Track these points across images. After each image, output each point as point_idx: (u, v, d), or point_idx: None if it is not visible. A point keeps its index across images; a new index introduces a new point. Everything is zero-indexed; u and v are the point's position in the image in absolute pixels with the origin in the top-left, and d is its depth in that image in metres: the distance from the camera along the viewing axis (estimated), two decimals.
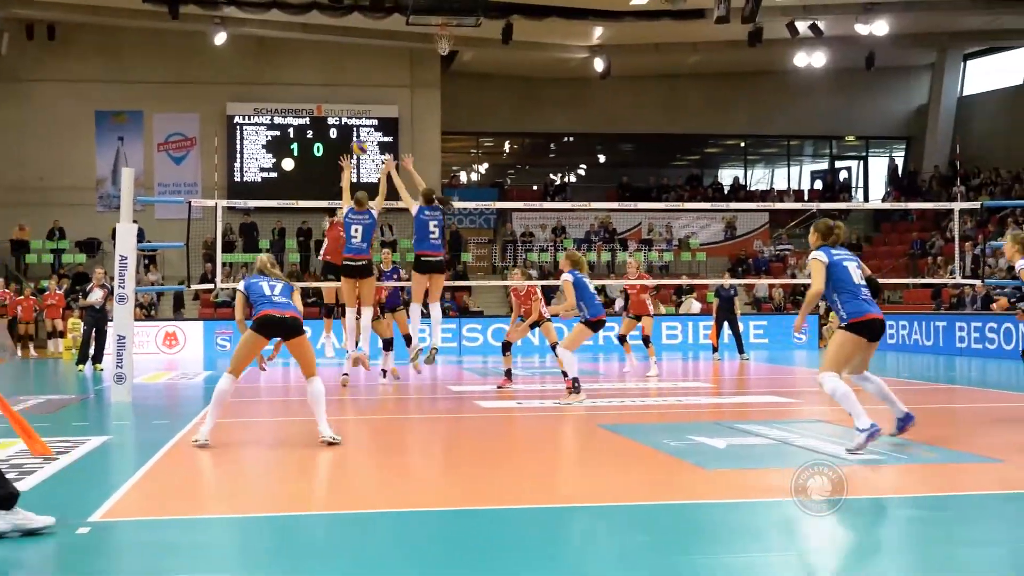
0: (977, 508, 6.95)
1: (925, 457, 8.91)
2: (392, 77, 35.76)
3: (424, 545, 6.13)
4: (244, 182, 34.44)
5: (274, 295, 10.15)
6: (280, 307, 10.05)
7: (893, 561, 5.76)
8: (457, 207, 34.66)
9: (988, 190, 34.48)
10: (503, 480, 8.43)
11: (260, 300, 10.12)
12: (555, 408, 13.00)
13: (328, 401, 10.56)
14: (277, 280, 10.34)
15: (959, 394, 15.69)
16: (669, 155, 42.51)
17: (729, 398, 14.98)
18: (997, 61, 39.06)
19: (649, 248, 35.58)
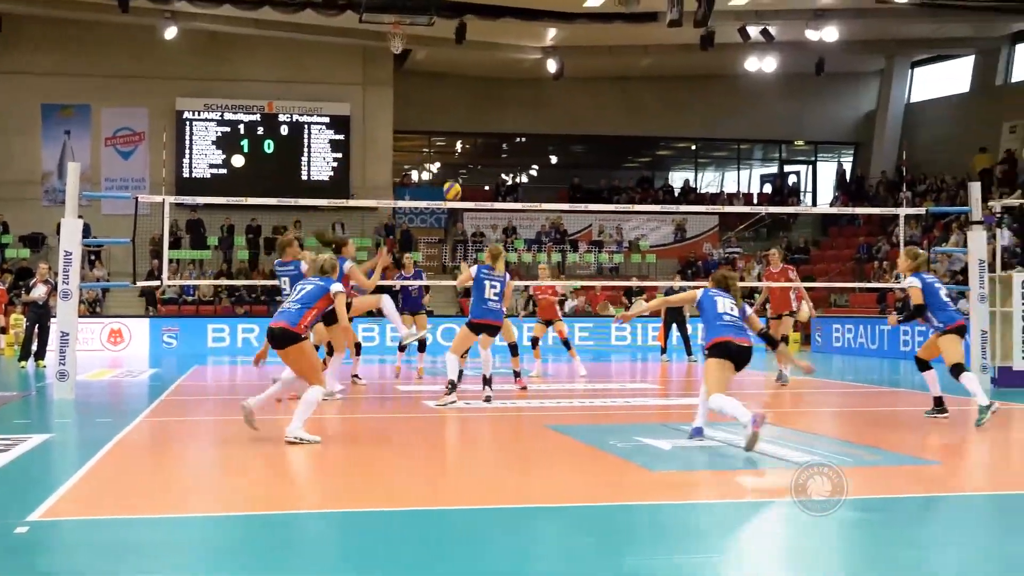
0: (916, 510, 7.02)
1: (867, 459, 8.99)
2: (344, 75, 35.62)
3: (366, 546, 6.10)
4: (193, 178, 34.17)
5: (290, 299, 10.38)
6: (276, 316, 10.23)
7: (834, 562, 5.80)
8: (409, 206, 34.73)
9: (933, 196, 34.84)
10: (447, 481, 8.41)
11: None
12: (503, 408, 12.99)
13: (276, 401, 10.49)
14: (310, 281, 10.52)
15: (901, 397, 15.84)
16: (621, 157, 42.61)
17: (676, 399, 15.04)
18: (943, 69, 39.49)
19: (599, 249, 35.69)
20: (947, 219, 31.07)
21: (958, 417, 13.24)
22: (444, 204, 25.67)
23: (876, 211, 25.00)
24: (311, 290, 10.29)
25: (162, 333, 28.08)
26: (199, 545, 6.18)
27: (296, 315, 10.06)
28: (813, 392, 16.85)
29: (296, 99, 35.03)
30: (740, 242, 37.37)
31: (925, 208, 23.10)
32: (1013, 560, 5.77)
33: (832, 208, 36.53)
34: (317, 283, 10.38)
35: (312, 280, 10.49)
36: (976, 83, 37.99)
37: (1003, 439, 11.46)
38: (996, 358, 16.03)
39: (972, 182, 17.06)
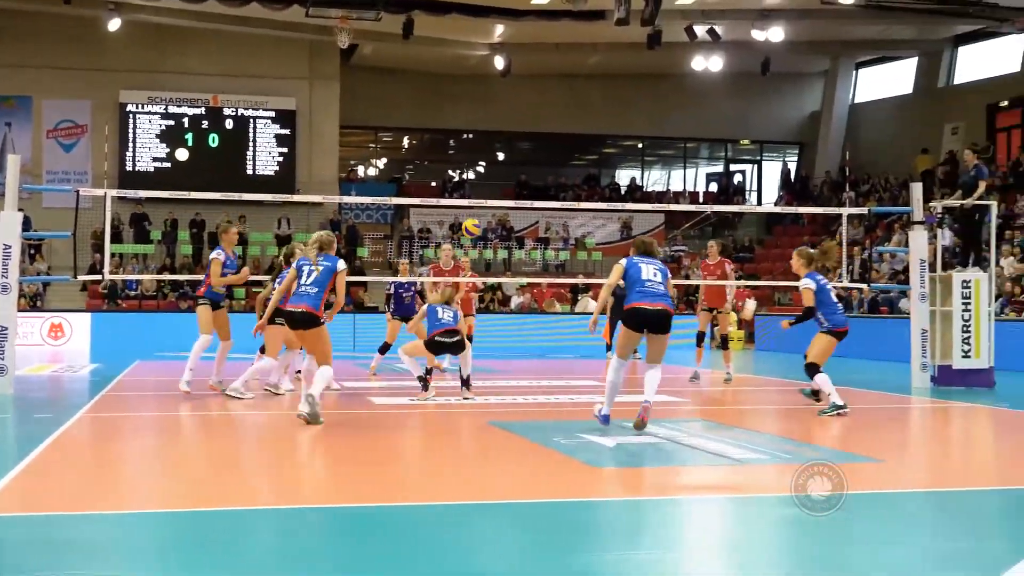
0: (859, 507, 7.07)
1: (809, 456, 9.04)
2: (291, 69, 35.41)
3: (304, 543, 6.06)
4: (136, 171, 33.83)
5: (304, 283, 10.91)
6: (296, 300, 10.82)
7: (776, 559, 5.83)
8: (355, 202, 34.58)
9: (876, 196, 35.19)
10: (389, 477, 8.38)
11: (297, 287, 10.98)
12: (447, 405, 12.97)
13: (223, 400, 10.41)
14: (320, 263, 11.02)
15: (842, 395, 15.95)
16: (568, 154, 42.67)
17: (620, 396, 15.07)
18: (887, 70, 39.90)
19: (546, 247, 35.74)
20: (889, 219, 31.40)
21: (905, 416, 13.39)
22: (390, 200, 25.64)
23: (820, 211, 25.25)
24: (322, 272, 10.96)
25: (104, 327, 27.75)
26: (140, 542, 6.10)
27: (316, 299, 10.80)
28: (755, 390, 16.97)
29: (241, 93, 34.79)
30: (686, 240, 37.54)
31: (868, 208, 23.29)
32: (948, 557, 5.83)
33: (777, 207, 36.82)
34: (325, 264, 11.02)
35: (320, 262, 11.07)
36: (919, 85, 38.43)
37: (944, 437, 11.61)
38: (936, 357, 16.21)
39: (914, 183, 17.23)
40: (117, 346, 26.59)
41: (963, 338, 16.01)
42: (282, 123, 35.10)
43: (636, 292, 10.22)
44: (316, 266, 11.04)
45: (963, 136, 35.22)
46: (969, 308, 16.06)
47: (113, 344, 26.75)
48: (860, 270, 27.44)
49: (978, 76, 35.98)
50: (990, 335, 16.13)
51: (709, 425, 11.16)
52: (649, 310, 10.13)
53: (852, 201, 32.94)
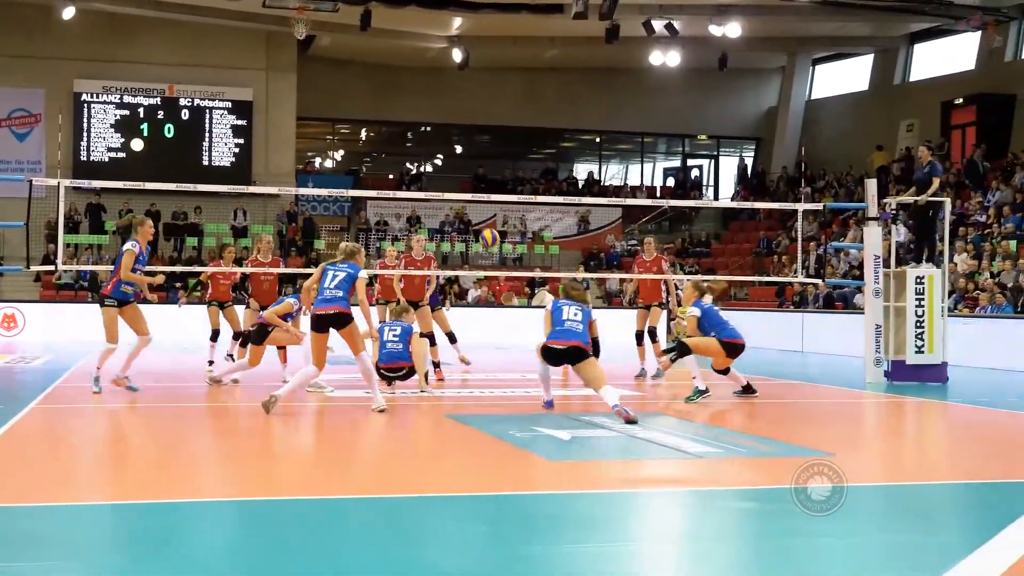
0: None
1: (761, 450, 9.11)
2: (247, 59, 35.20)
3: (255, 535, 6.04)
4: (91, 162, 33.53)
5: (328, 287, 11.44)
6: (327, 303, 11.34)
7: (728, 552, 5.87)
8: (312, 194, 34.45)
9: (832, 192, 35.44)
10: (343, 469, 8.37)
11: (320, 291, 11.51)
12: (403, 397, 12.95)
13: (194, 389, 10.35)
14: (343, 268, 11.55)
15: (796, 389, 16.10)
16: (525, 148, 42.70)
17: (576, 391, 15.12)
18: (843, 67, 40.16)
19: (503, 240, 35.72)
20: (845, 215, 31.64)
21: (858, 410, 13.51)
22: (347, 192, 25.55)
23: (776, 206, 25.30)
24: (344, 277, 11.46)
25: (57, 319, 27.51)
26: (92, 534, 6.06)
27: (344, 300, 11.34)
28: (711, 385, 17.04)
29: (198, 83, 34.55)
30: (643, 234, 37.64)
31: (823, 204, 23.47)
32: (896, 551, 5.89)
33: (733, 202, 37.02)
34: (347, 270, 11.52)
35: (342, 267, 11.57)
36: (875, 81, 38.72)
37: (898, 431, 11.73)
38: (890, 352, 16.34)
39: (869, 179, 17.36)
40: (70, 337, 26.36)
41: (916, 334, 16.15)
42: (238, 114, 34.90)
43: (555, 331, 11.52)
44: (339, 271, 11.57)
45: (918, 133, 35.51)
46: (923, 304, 16.20)
47: (66, 335, 26.52)
48: (815, 265, 27.65)
49: (933, 73, 36.29)
50: (943, 331, 16.28)
51: (665, 420, 11.22)
52: (560, 348, 11.42)
53: (808, 197, 33.14)
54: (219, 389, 13.87)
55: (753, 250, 35.78)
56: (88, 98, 33.92)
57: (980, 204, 28.88)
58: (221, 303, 16.77)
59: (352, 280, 11.48)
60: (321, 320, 11.36)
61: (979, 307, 22.51)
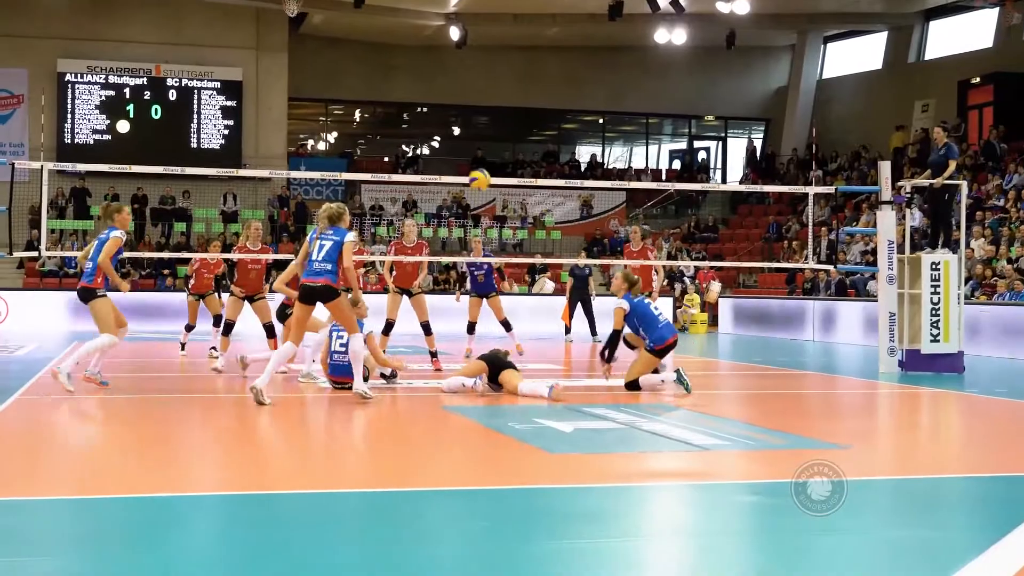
0: None
1: (770, 443, 9.09)
2: (237, 38, 35.13)
3: (253, 530, 6.03)
4: (75, 144, 33.51)
5: (317, 259, 11.25)
6: (312, 275, 11.20)
7: (736, 547, 5.85)
8: (304, 177, 34.42)
9: (844, 175, 35.40)
10: (334, 463, 8.35)
11: (308, 263, 11.31)
12: (402, 388, 12.93)
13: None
14: (329, 237, 11.31)
15: (809, 380, 16.07)
16: (525, 129, 42.67)
17: (579, 381, 15.11)
18: (856, 45, 40.11)
19: (503, 225, 35.69)
20: (857, 199, 31.60)
21: (871, 401, 13.48)
22: (341, 176, 25.46)
23: (786, 189, 25.44)
24: (331, 247, 11.27)
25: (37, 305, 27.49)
26: (77, 528, 6.05)
27: (333, 273, 11.22)
28: (719, 375, 17.04)
29: (185, 63, 34.49)
30: (648, 219, 37.64)
31: (835, 187, 23.45)
32: (910, 546, 5.88)
33: (742, 186, 36.96)
34: (334, 238, 11.32)
35: (328, 236, 11.35)
36: (889, 60, 38.66)
37: (912, 423, 11.70)
38: (904, 341, 16.31)
39: (882, 161, 17.32)
40: (56, 326, 26.36)
41: (932, 322, 16.11)
42: (228, 94, 34.85)
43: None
44: (326, 240, 11.35)
45: (933, 113, 35.48)
46: (938, 291, 16.16)
47: (52, 324, 26.51)
48: (827, 251, 27.61)
49: (949, 51, 36.24)
50: (959, 319, 16.25)
51: (671, 411, 11.20)
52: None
53: (819, 180, 33.12)
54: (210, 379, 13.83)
55: (762, 235, 35.76)
56: (72, 78, 33.87)
57: (998, 187, 28.84)
58: (202, 295, 16.96)
59: (339, 247, 11.27)
60: (307, 291, 11.25)
61: (997, 294, 22.49)
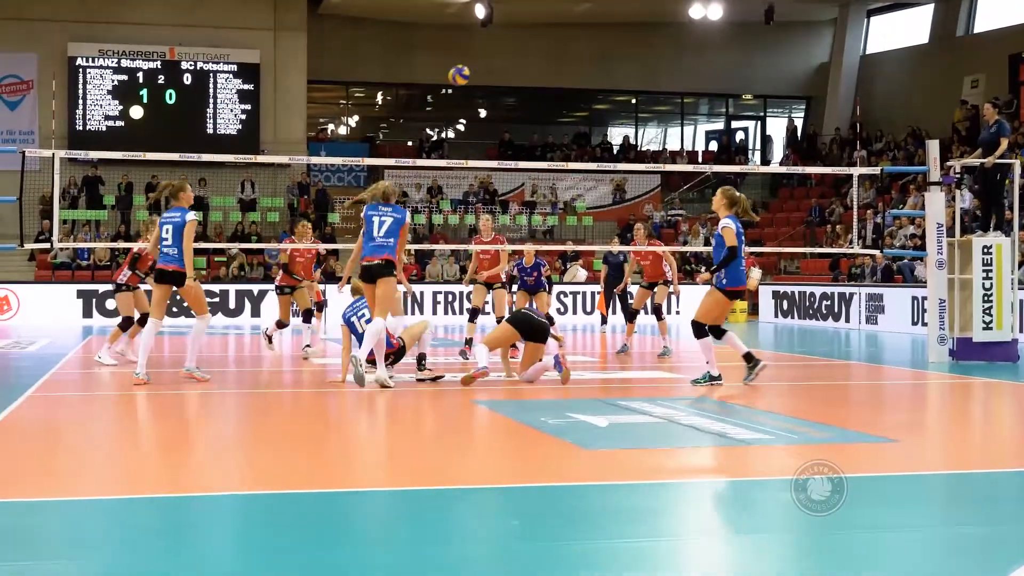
0: (873, 490, 7.10)
1: (817, 437, 9.07)
2: (253, 19, 35.22)
3: (276, 529, 6.06)
4: (87, 131, 33.69)
5: (378, 236, 11.78)
6: (378, 250, 11.78)
7: (778, 545, 5.85)
8: (325, 163, 34.50)
9: (890, 155, 35.22)
10: (367, 460, 8.39)
11: (366, 239, 11.86)
12: (427, 384, 12.96)
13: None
14: (388, 214, 11.87)
15: (854, 370, 16.03)
16: (555, 111, 42.63)
17: (614, 373, 15.11)
18: (901, 18, 39.89)
19: (532, 211, 35.68)
20: (904, 180, 31.44)
21: (920, 392, 13.43)
22: (363, 161, 25.54)
23: (829, 171, 25.30)
24: (391, 224, 11.84)
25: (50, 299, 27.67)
26: (93, 529, 6.09)
27: (393, 249, 11.81)
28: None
29: (200, 45, 34.61)
30: (684, 203, 37.58)
31: (881, 168, 23.32)
32: (961, 544, 5.86)
33: (782, 168, 36.87)
34: (394, 215, 11.90)
35: (387, 211, 11.92)
36: (936, 33, 38.42)
37: (963, 416, 11.65)
38: (955, 329, 16.23)
39: (931, 140, 17.22)
40: (68, 320, 26.54)
41: (984, 308, 16.03)
42: (245, 78, 34.95)
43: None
44: (384, 217, 11.85)
45: (984, 89, 35.25)
46: (990, 276, 16.08)
47: (64, 318, 26.69)
48: (873, 235, 27.49)
49: (1000, 24, 35.99)
50: (1013, 305, 16.16)
51: (709, 403, 11.19)
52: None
53: (864, 160, 32.98)
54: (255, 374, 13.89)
55: (804, 219, 35.63)
56: (83, 63, 34.04)
57: None
58: (293, 288, 16.88)
59: (400, 225, 11.94)
60: (368, 271, 11.85)
61: None
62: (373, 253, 11.84)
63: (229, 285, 28.82)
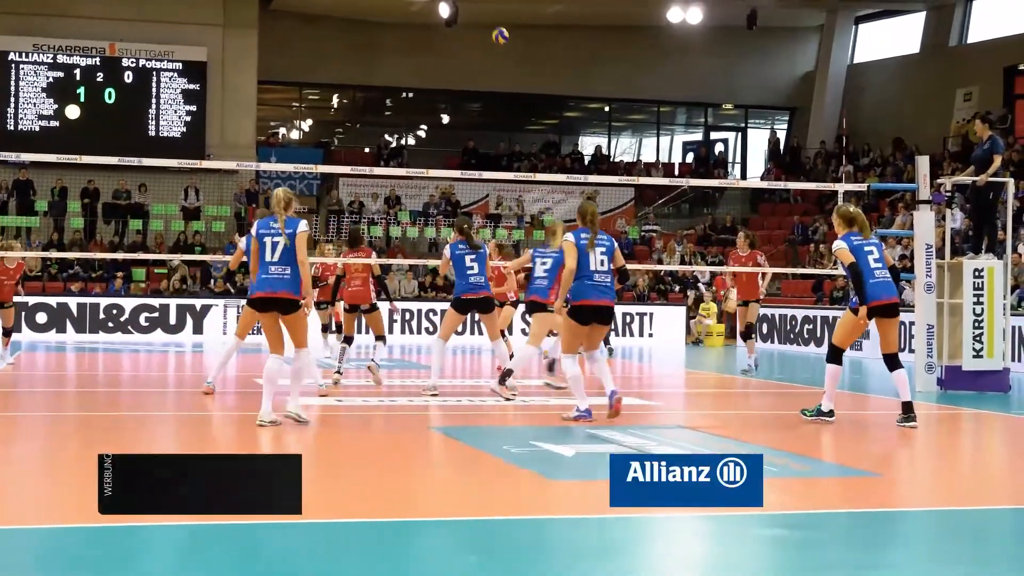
0: (854, 528, 7.13)
1: (795, 469, 9.11)
2: (201, 14, 35.10)
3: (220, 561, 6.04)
4: (19, 131, 33.44)
5: (272, 260, 10.87)
6: (270, 286, 10.85)
7: None
8: (275, 170, 34.43)
9: (877, 171, 35.44)
10: (311, 490, 8.36)
11: (260, 266, 10.93)
12: (381, 407, 12.94)
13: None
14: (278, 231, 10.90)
15: (837, 399, 16.07)
16: (523, 118, 42.69)
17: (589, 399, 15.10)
18: (891, 26, 40.16)
19: (497, 224, 35.68)
20: (892, 197, 31.64)
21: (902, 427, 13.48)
22: (316, 168, 25.46)
23: (813, 186, 25.39)
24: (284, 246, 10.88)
25: None
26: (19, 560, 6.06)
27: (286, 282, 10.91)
28: (736, 392, 17.07)
29: (143, 41, 34.45)
30: (659, 219, 37.68)
31: (867, 184, 23.48)
32: None
33: (763, 182, 36.97)
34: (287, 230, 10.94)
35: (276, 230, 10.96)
36: (927, 43, 38.69)
37: (949, 448, 11.73)
38: (943, 356, 16.32)
39: (920, 156, 17.34)
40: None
41: (974, 335, 16.13)
42: (190, 77, 34.83)
43: (587, 286, 11.61)
44: (283, 234, 10.93)
45: (977, 102, 35.53)
46: (981, 301, 16.20)
47: None
48: None
49: (995, 34, 36.28)
50: (1005, 332, 16.27)
51: (687, 433, 11.22)
52: (591, 307, 11.59)
53: (850, 176, 33.17)
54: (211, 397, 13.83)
55: (786, 237, 35.78)
56: (16, 57, 33.84)
57: None
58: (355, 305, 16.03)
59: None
60: (256, 303, 11.07)
61: None
62: (267, 289, 10.91)
63: (170, 299, 28.71)
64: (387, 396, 13.93)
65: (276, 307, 10.96)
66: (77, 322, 27.82)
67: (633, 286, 33.13)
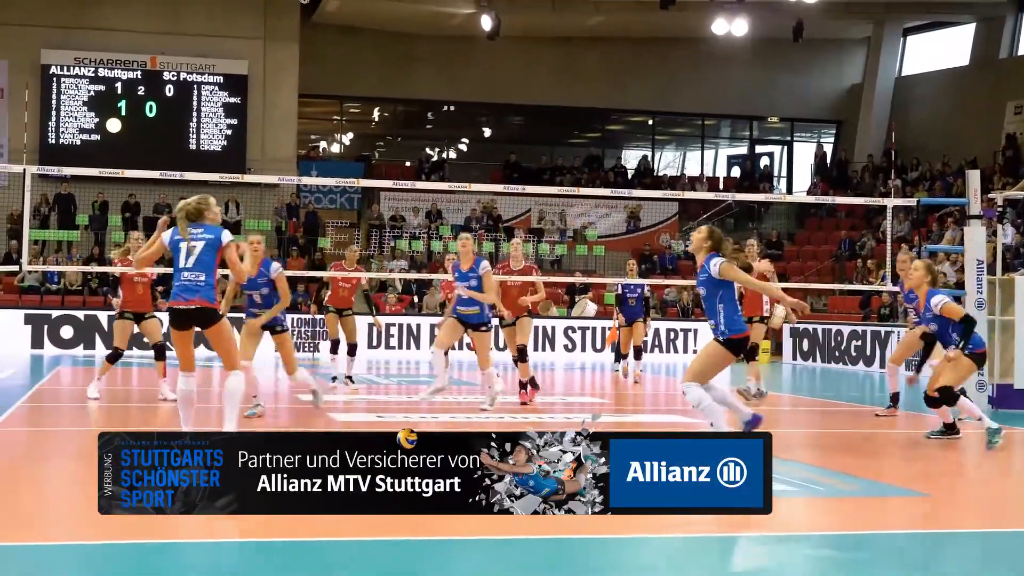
0: (902, 549, 7.10)
1: (843, 489, 9.08)
2: (241, 27, 35.31)
3: None
4: (61, 145, 33.75)
5: (186, 267, 9.73)
6: (186, 293, 9.67)
7: None
8: (316, 184, 34.55)
9: (926, 185, 35.27)
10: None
11: (174, 275, 9.75)
12: (407, 422, 12.96)
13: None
14: (199, 237, 9.85)
15: (885, 418, 16.01)
16: (565, 131, 42.69)
17: (629, 416, 15.11)
18: (940, 38, 39.98)
19: (539, 239, 35.67)
20: (941, 212, 31.48)
21: (956, 443, 13.41)
22: (357, 182, 25.63)
23: (860, 201, 25.31)
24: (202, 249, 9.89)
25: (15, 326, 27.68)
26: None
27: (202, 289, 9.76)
28: (782, 410, 16.99)
29: (184, 54, 34.69)
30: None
31: (916, 199, 23.39)
32: None
33: (810, 197, 36.82)
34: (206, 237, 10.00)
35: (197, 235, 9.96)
36: (977, 55, 38.50)
37: (1000, 468, 11.64)
38: (995, 375, 16.19)
39: (971, 170, 17.24)
40: (35, 349, 26.53)
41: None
42: (231, 90, 35.03)
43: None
44: (199, 240, 9.88)
45: None
46: None
47: (30, 347, 26.69)
48: None
49: None
50: None
51: None
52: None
53: (898, 190, 33.01)
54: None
55: (833, 253, 35.64)
56: (58, 71, 34.14)
57: None
58: (340, 310, 17.59)
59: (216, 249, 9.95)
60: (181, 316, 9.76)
61: None
62: (182, 297, 9.78)
63: None
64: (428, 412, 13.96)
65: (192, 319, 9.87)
66: (107, 337, 27.92)
67: (677, 301, 33.09)
